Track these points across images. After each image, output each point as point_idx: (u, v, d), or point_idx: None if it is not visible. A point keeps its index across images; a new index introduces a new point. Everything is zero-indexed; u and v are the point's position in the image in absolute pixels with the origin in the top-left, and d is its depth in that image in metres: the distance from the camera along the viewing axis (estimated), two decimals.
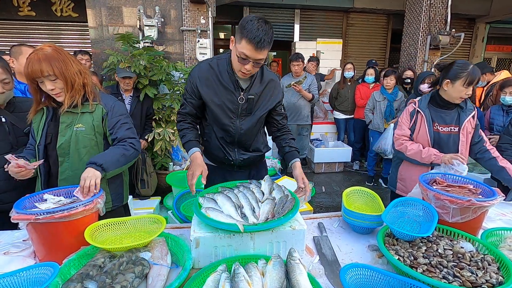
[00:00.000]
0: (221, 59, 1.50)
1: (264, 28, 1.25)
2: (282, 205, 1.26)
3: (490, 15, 6.84)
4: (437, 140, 1.91)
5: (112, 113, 1.51)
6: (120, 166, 1.45)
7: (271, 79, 1.57)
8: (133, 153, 1.49)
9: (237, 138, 1.58)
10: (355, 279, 0.98)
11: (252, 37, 1.24)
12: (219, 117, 1.52)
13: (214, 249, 1.13)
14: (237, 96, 1.49)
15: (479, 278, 0.96)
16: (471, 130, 1.91)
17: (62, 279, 0.94)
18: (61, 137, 1.44)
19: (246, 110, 1.52)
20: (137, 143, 1.53)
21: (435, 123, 1.92)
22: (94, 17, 4.13)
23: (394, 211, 1.35)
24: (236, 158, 1.64)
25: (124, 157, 1.45)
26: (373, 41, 7.29)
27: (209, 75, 1.48)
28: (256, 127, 1.61)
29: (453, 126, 1.90)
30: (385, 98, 4.31)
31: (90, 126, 1.45)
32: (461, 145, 1.89)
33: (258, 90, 1.52)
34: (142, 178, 3.38)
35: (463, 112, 1.89)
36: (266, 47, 1.29)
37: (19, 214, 1.07)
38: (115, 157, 1.41)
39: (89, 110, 1.46)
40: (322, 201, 4.05)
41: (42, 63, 1.30)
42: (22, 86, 2.21)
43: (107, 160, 1.36)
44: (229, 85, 1.47)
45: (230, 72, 1.46)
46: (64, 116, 1.44)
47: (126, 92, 3.32)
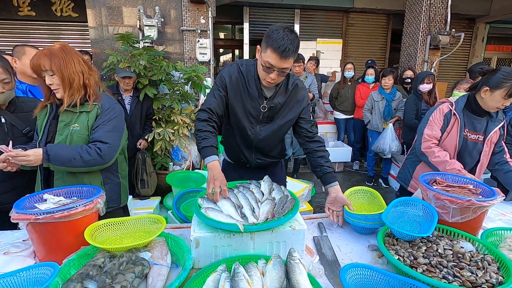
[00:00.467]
0: (249, 65, 1.50)
1: (289, 37, 1.25)
2: (282, 205, 1.26)
3: (490, 15, 6.84)
4: (463, 147, 1.84)
5: (103, 114, 1.48)
6: (72, 166, 1.36)
7: (295, 86, 1.54)
8: (94, 159, 1.39)
9: (255, 143, 1.58)
10: (355, 279, 0.98)
11: (277, 46, 1.24)
12: (240, 120, 1.53)
13: (214, 249, 1.13)
14: (260, 104, 1.49)
15: (479, 278, 0.96)
16: (495, 141, 1.85)
17: (62, 279, 0.94)
18: (59, 136, 1.44)
19: (268, 117, 1.53)
20: (107, 149, 1.42)
21: (465, 128, 1.84)
22: (94, 17, 4.13)
23: (394, 211, 1.36)
24: (252, 161, 1.66)
25: (80, 161, 1.36)
26: (373, 41, 7.29)
27: (237, 78, 1.49)
28: (276, 135, 1.60)
29: (480, 134, 1.83)
30: (383, 98, 4.31)
31: (84, 126, 1.45)
32: (483, 155, 1.84)
33: (282, 100, 1.51)
34: (142, 178, 3.38)
35: (492, 122, 1.82)
36: (291, 56, 1.28)
37: (19, 214, 1.07)
38: (69, 155, 1.35)
39: (86, 110, 1.46)
40: (322, 201, 4.05)
41: (42, 58, 1.35)
42: (23, 86, 2.21)
43: (59, 155, 1.33)
44: (254, 92, 1.48)
45: (256, 79, 1.47)
46: (63, 114, 1.45)
47: (126, 92, 3.32)
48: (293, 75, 1.59)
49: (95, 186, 1.32)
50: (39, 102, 1.84)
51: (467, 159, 1.84)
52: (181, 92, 3.77)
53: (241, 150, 1.63)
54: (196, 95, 4.10)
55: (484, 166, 1.87)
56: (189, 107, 3.91)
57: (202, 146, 1.39)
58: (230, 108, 1.53)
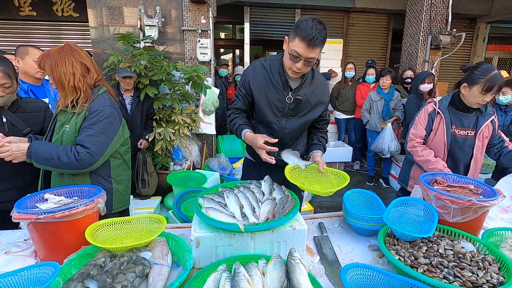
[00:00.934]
0: (274, 60, 1.55)
1: (318, 27, 1.29)
2: (282, 205, 1.26)
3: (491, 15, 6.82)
4: (453, 143, 1.87)
5: (89, 116, 1.42)
6: (49, 166, 1.36)
7: (320, 83, 1.59)
8: (71, 163, 1.34)
9: (280, 137, 1.58)
10: (356, 279, 0.98)
11: (306, 35, 1.28)
12: (265, 115, 1.55)
13: (214, 249, 1.13)
14: (285, 96, 1.51)
15: (479, 278, 0.96)
16: (488, 135, 1.86)
17: (63, 279, 0.94)
18: (55, 135, 1.48)
19: (293, 110, 1.55)
20: (85, 154, 1.36)
21: (452, 125, 1.87)
22: (95, 17, 4.13)
23: (394, 211, 1.35)
24: (276, 156, 1.62)
25: (57, 161, 1.34)
26: (373, 41, 7.27)
27: (261, 74, 1.54)
28: (300, 129, 1.63)
29: (470, 130, 1.85)
30: (382, 98, 4.31)
31: (73, 128, 1.43)
32: (476, 149, 1.85)
33: (307, 92, 1.54)
34: (143, 178, 3.38)
35: (482, 117, 1.84)
36: (318, 45, 1.31)
37: (20, 213, 1.07)
38: (48, 154, 1.34)
39: (76, 111, 1.43)
40: (322, 201, 4.05)
41: (41, 58, 1.41)
42: (25, 85, 2.22)
43: (38, 151, 1.35)
44: (278, 84, 1.51)
45: (281, 72, 1.50)
46: (61, 114, 1.48)
47: (126, 92, 3.32)
48: (319, 73, 1.62)
49: (96, 186, 1.32)
50: (41, 103, 1.85)
51: (460, 155, 1.86)
52: (182, 92, 3.77)
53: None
54: (196, 95, 4.10)
55: (479, 160, 1.87)
56: (189, 107, 3.91)
57: (234, 130, 1.56)
58: (255, 103, 1.58)
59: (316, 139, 1.66)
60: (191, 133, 3.96)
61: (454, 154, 1.88)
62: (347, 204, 1.48)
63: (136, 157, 3.39)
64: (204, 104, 4.04)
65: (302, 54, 1.33)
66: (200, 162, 4.23)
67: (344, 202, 1.48)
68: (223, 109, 5.21)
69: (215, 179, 3.52)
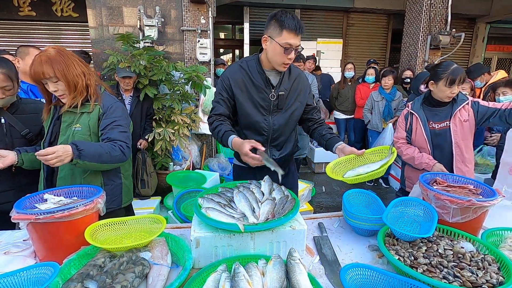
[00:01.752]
0: (249, 61, 1.58)
1: (294, 16, 1.40)
2: (282, 205, 1.26)
3: (491, 15, 6.83)
4: (434, 137, 1.96)
5: (108, 113, 1.49)
6: (100, 162, 1.37)
7: (298, 74, 1.65)
8: (119, 155, 1.43)
9: (270, 136, 1.61)
10: (356, 279, 0.98)
11: (293, 26, 1.37)
12: (251, 115, 1.56)
13: (214, 249, 1.13)
14: (268, 93, 1.55)
15: (479, 278, 0.96)
16: (468, 118, 1.90)
17: (63, 279, 0.94)
18: (62, 136, 1.46)
19: (278, 106, 1.58)
20: (127, 148, 1.47)
21: (430, 121, 1.97)
22: (94, 17, 4.13)
23: (394, 211, 1.35)
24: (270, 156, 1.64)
25: (108, 156, 1.38)
26: (373, 41, 7.28)
27: (241, 76, 1.55)
28: (289, 124, 1.64)
29: (447, 120, 1.94)
30: (383, 98, 4.31)
31: (86, 126, 1.46)
32: (454, 134, 1.91)
33: (288, 86, 1.59)
34: (142, 178, 3.38)
35: (456, 104, 1.92)
36: (303, 32, 1.42)
37: (19, 214, 1.07)
38: (99, 150, 1.35)
39: (88, 110, 1.47)
40: (322, 201, 4.05)
41: (43, 65, 1.33)
42: (25, 85, 2.22)
43: (89, 149, 1.31)
44: (260, 83, 1.54)
45: (260, 71, 1.54)
46: (65, 115, 1.47)
47: (126, 92, 3.32)
48: (294, 65, 1.66)
49: (96, 186, 1.32)
50: (41, 104, 1.84)
51: (444, 145, 1.94)
52: (182, 92, 3.77)
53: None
54: (196, 95, 4.10)
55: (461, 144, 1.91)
56: (189, 107, 3.92)
57: (220, 138, 1.48)
58: (238, 106, 1.57)
59: (326, 132, 1.64)
60: (191, 133, 3.96)
61: (438, 147, 1.97)
62: (347, 204, 1.48)
63: (136, 157, 3.39)
64: (204, 104, 4.04)
65: (293, 44, 1.41)
66: (200, 162, 4.23)
67: (344, 202, 1.48)
68: None
69: (214, 179, 3.52)
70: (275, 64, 1.50)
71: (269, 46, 1.46)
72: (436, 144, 1.97)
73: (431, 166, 1.89)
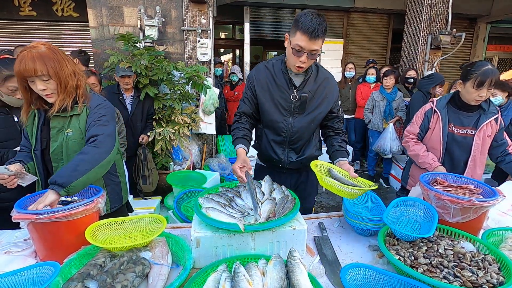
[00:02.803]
0: (276, 61, 1.56)
1: (318, 19, 1.30)
2: (282, 205, 1.26)
3: (491, 15, 6.82)
4: (450, 142, 1.86)
5: (93, 112, 1.40)
6: (84, 173, 1.21)
7: (326, 78, 1.57)
8: (96, 154, 1.27)
9: (289, 137, 1.57)
10: (356, 279, 0.98)
11: (306, 28, 1.29)
12: (271, 114, 1.55)
13: (214, 248, 1.13)
14: (290, 94, 1.51)
15: (479, 278, 0.96)
16: (490, 134, 1.82)
17: (63, 279, 0.94)
18: (53, 143, 1.39)
19: (299, 108, 1.53)
20: (103, 139, 1.32)
21: (451, 124, 1.86)
22: (95, 17, 4.13)
23: (394, 211, 1.35)
24: (285, 160, 1.63)
25: (84, 164, 1.23)
26: (374, 41, 7.27)
27: (265, 75, 1.55)
28: (310, 128, 1.59)
29: (470, 128, 1.83)
30: (384, 98, 4.31)
31: (77, 130, 1.39)
32: (474, 148, 1.82)
33: (312, 88, 1.53)
34: (144, 174, 3.37)
35: (484, 115, 1.80)
36: (320, 37, 1.32)
37: (20, 213, 1.07)
38: (70, 169, 1.20)
39: (76, 112, 1.39)
40: (322, 201, 4.05)
41: (36, 62, 1.22)
42: None
43: (65, 175, 1.18)
44: (282, 83, 1.52)
45: (284, 71, 1.51)
46: (54, 120, 1.38)
47: (126, 91, 3.32)
48: (324, 68, 1.61)
49: (96, 186, 1.32)
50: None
51: (457, 153, 1.85)
52: (182, 92, 3.77)
53: (273, 149, 1.61)
54: (197, 95, 4.10)
55: (478, 159, 1.85)
56: (189, 107, 3.92)
57: (232, 141, 1.56)
58: (260, 105, 1.57)
59: (337, 144, 1.59)
60: (191, 133, 3.96)
61: (451, 153, 1.87)
62: (347, 204, 1.48)
63: (137, 153, 3.38)
64: (204, 104, 4.04)
65: (305, 47, 1.33)
66: (200, 162, 4.23)
67: (344, 202, 1.48)
68: (222, 108, 5.21)
69: (215, 179, 3.52)
70: (289, 65, 1.47)
71: (287, 45, 1.44)
72: (451, 149, 1.86)
73: (433, 168, 1.82)
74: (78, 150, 1.37)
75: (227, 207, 1.25)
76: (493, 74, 1.67)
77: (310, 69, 1.51)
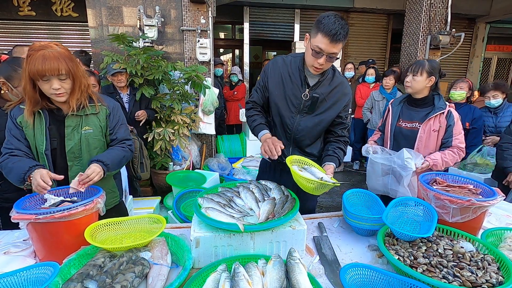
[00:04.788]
0: (296, 57, 1.56)
1: (340, 22, 1.31)
2: (282, 205, 1.26)
3: (491, 15, 6.83)
4: (397, 135, 2.01)
5: (113, 113, 1.53)
6: (120, 167, 1.54)
7: (341, 82, 1.55)
8: (130, 154, 1.57)
9: (293, 134, 1.57)
10: (355, 279, 0.98)
11: (329, 30, 1.29)
12: (280, 108, 1.55)
13: (214, 249, 1.13)
14: (302, 92, 1.51)
15: (479, 278, 0.96)
16: (437, 129, 1.87)
17: (62, 279, 0.94)
18: (69, 141, 1.39)
19: (309, 108, 1.53)
20: (132, 144, 1.59)
21: (400, 119, 2.01)
22: (94, 17, 4.13)
23: (394, 211, 1.36)
24: (289, 155, 1.57)
25: (125, 159, 1.52)
26: (373, 41, 7.28)
27: (280, 68, 1.55)
28: (315, 129, 1.58)
29: (418, 122, 1.93)
30: (384, 98, 4.31)
31: (97, 128, 1.46)
32: (418, 140, 1.92)
33: (325, 91, 1.51)
34: (141, 161, 3.34)
35: (433, 111, 1.90)
36: (341, 40, 1.32)
37: (19, 214, 1.07)
38: (118, 158, 1.47)
39: (94, 111, 1.45)
40: (322, 201, 4.05)
41: (60, 61, 1.25)
42: None
43: (112, 161, 1.42)
44: (296, 80, 1.52)
45: (301, 68, 1.51)
46: (69, 119, 1.39)
47: (122, 90, 3.28)
48: (339, 72, 1.60)
49: (95, 186, 1.32)
50: None
51: (404, 145, 1.94)
52: (181, 92, 3.76)
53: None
54: (196, 95, 4.10)
55: (421, 151, 1.90)
56: (189, 107, 3.91)
57: (253, 127, 1.57)
58: (270, 97, 1.58)
59: (331, 150, 1.57)
60: (191, 133, 3.96)
61: (399, 144, 2.00)
62: (347, 204, 1.48)
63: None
64: (204, 104, 4.04)
65: (324, 50, 1.33)
66: (200, 162, 4.23)
67: (344, 202, 1.48)
68: (221, 108, 5.21)
69: (214, 179, 3.52)
70: (307, 64, 1.47)
71: (306, 45, 1.44)
72: (397, 140, 2.00)
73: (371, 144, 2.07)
74: (99, 146, 1.48)
75: (227, 207, 1.25)
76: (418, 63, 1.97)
77: (326, 72, 1.51)
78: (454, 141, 1.87)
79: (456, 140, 1.87)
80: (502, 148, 2.30)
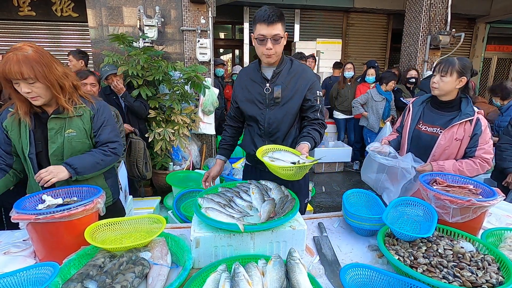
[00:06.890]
0: (253, 62, 1.70)
1: (271, 8, 1.46)
2: (282, 205, 1.26)
3: (491, 15, 6.84)
4: (415, 138, 1.84)
5: (98, 115, 1.47)
6: (96, 171, 1.45)
7: (299, 70, 1.61)
8: (113, 158, 1.50)
9: (266, 129, 1.62)
10: (355, 279, 0.98)
11: (262, 16, 1.44)
12: (250, 110, 1.65)
13: (214, 249, 1.13)
14: (263, 87, 1.60)
15: (479, 278, 0.96)
16: (461, 138, 1.70)
17: (62, 279, 0.94)
18: (52, 144, 1.38)
19: (274, 100, 1.59)
20: (118, 147, 1.52)
21: (420, 121, 1.84)
22: (94, 17, 4.13)
23: (394, 211, 1.36)
24: None
25: (102, 163, 1.46)
26: (373, 41, 7.29)
27: (243, 77, 1.71)
28: (286, 119, 1.60)
29: (440, 128, 1.75)
30: (384, 99, 4.32)
31: (81, 131, 1.42)
32: (436, 147, 1.74)
33: (285, 80, 1.59)
34: (146, 161, 3.34)
35: (458, 116, 1.71)
36: (276, 21, 1.44)
37: (19, 214, 1.07)
38: (91, 162, 1.41)
39: (76, 114, 1.40)
40: (322, 201, 4.05)
41: (22, 65, 1.19)
42: None
43: (84, 165, 1.38)
44: (257, 79, 1.63)
45: (258, 68, 1.64)
46: (51, 122, 1.37)
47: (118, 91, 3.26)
48: (299, 62, 1.66)
49: (95, 186, 1.32)
50: None
51: (421, 150, 1.80)
52: (181, 92, 3.76)
53: (254, 142, 1.68)
54: (196, 95, 4.10)
55: (437, 158, 1.76)
56: (189, 107, 3.91)
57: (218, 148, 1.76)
58: (240, 104, 1.70)
59: (305, 132, 1.56)
60: (191, 133, 3.96)
61: (416, 148, 1.84)
62: (347, 204, 1.48)
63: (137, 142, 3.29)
64: (204, 104, 4.04)
65: (266, 34, 1.45)
66: (200, 162, 4.23)
67: (344, 202, 1.48)
68: (222, 109, 5.21)
69: None
70: (261, 58, 1.57)
71: (254, 43, 1.54)
72: (414, 145, 1.84)
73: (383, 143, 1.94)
74: (83, 149, 1.45)
75: (227, 207, 1.25)
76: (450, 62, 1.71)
77: (283, 63, 1.59)
78: (478, 151, 1.68)
79: (481, 150, 1.68)
80: (500, 149, 2.30)
